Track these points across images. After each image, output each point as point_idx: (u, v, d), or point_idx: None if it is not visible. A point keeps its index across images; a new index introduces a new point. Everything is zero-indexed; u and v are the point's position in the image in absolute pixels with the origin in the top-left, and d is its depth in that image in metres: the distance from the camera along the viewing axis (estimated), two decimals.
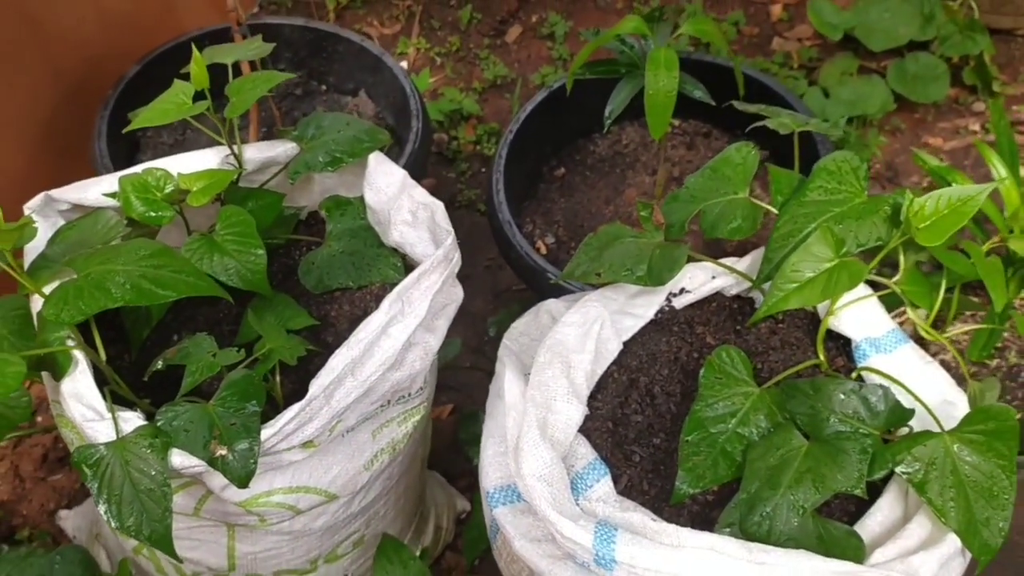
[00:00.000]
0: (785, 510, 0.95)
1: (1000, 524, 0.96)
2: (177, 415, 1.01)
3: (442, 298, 1.17)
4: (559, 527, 0.92)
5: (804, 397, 1.00)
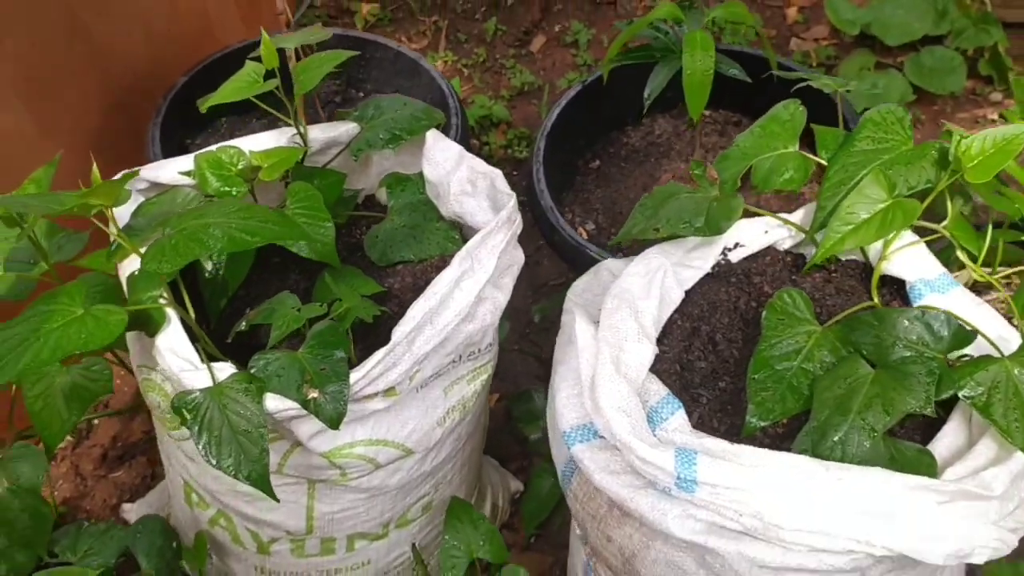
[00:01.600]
0: (856, 434, 0.99)
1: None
2: (269, 362, 1.05)
3: (507, 259, 1.22)
4: (641, 453, 0.96)
5: (868, 328, 1.04)
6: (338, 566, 1.39)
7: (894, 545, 0.92)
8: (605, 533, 1.08)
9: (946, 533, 0.94)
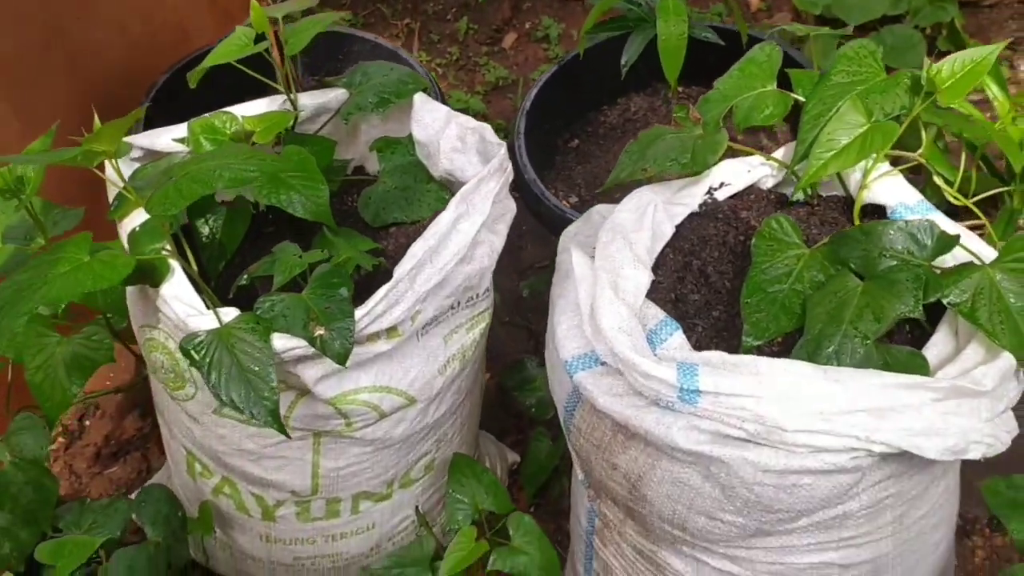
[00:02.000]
0: (850, 343, 1.02)
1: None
2: (274, 304, 1.07)
3: (500, 207, 1.25)
4: (643, 368, 0.99)
5: (855, 242, 1.08)
6: (343, 530, 1.40)
7: (892, 440, 0.95)
8: (610, 462, 1.10)
9: (941, 429, 0.97)
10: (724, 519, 1.05)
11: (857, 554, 1.10)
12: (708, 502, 1.04)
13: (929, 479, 1.11)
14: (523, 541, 1.29)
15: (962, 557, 1.64)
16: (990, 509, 1.18)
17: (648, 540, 1.19)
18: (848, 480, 0.99)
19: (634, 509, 1.13)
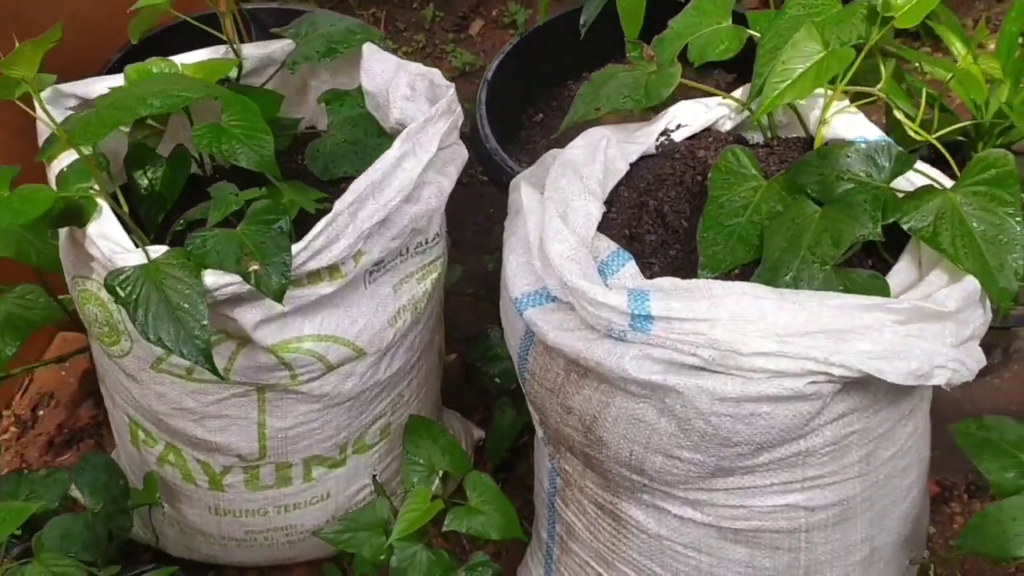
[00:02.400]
0: (808, 269, 0.98)
1: (1014, 268, 1.00)
2: (206, 239, 1.02)
3: (449, 152, 1.21)
4: (592, 295, 0.94)
5: (812, 168, 1.04)
6: (296, 500, 1.34)
7: (852, 363, 0.91)
8: (564, 405, 1.06)
9: (903, 352, 0.93)
10: (682, 456, 1.00)
11: (823, 496, 1.05)
12: (664, 439, 0.99)
13: (896, 417, 1.06)
14: (480, 500, 1.24)
15: (940, 524, 1.60)
16: (962, 451, 1.14)
17: (608, 492, 1.14)
18: (808, 409, 0.95)
19: (591, 456, 1.08)
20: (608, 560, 1.22)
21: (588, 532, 1.22)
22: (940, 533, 1.59)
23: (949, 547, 1.57)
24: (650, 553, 1.15)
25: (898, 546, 1.17)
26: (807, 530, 1.08)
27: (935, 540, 1.57)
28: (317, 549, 1.44)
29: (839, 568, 1.12)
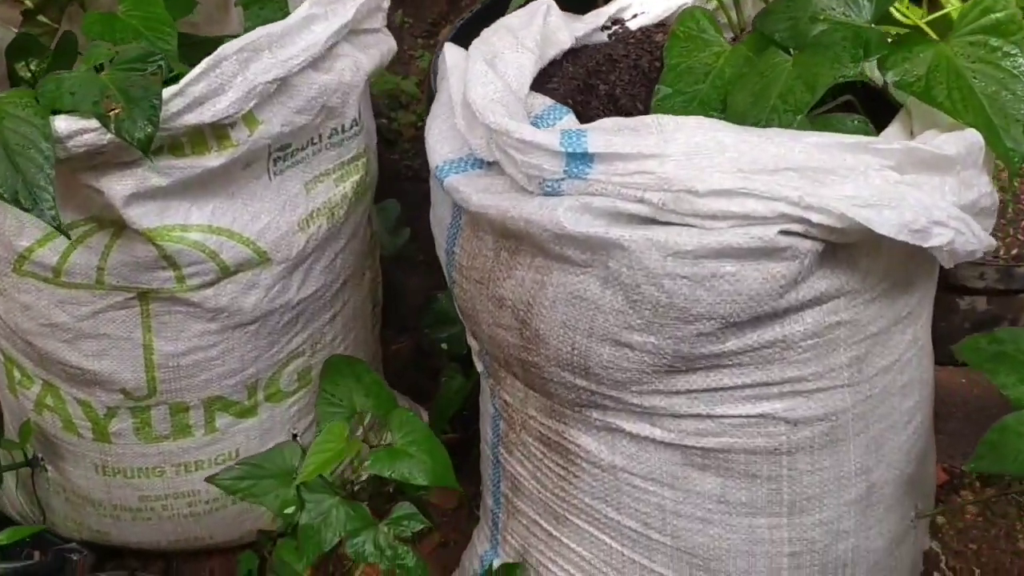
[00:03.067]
0: (779, 116, 0.82)
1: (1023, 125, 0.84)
2: (62, 82, 0.86)
3: (372, 37, 1.07)
4: (520, 134, 0.78)
5: (781, 12, 0.88)
6: (198, 457, 1.15)
7: (834, 207, 0.74)
8: (496, 296, 0.89)
9: (896, 200, 0.76)
10: (632, 342, 0.82)
11: (807, 406, 0.87)
12: (611, 319, 0.82)
13: (891, 318, 0.89)
14: (407, 441, 1.05)
15: (950, 513, 1.41)
16: (972, 367, 0.96)
17: (553, 418, 0.96)
18: (782, 271, 0.78)
19: (530, 365, 0.90)
20: (557, 513, 1.03)
21: (535, 481, 1.03)
22: (951, 523, 1.40)
23: (960, 538, 1.38)
24: (604, 493, 0.96)
25: (900, 488, 0.98)
26: (789, 452, 0.89)
27: (945, 531, 1.38)
28: (229, 527, 1.24)
29: (830, 507, 0.93)
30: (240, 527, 1.26)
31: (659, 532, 0.96)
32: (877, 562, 1.00)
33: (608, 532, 0.99)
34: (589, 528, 1.01)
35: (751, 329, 0.81)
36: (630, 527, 0.97)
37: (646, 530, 0.96)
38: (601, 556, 1.01)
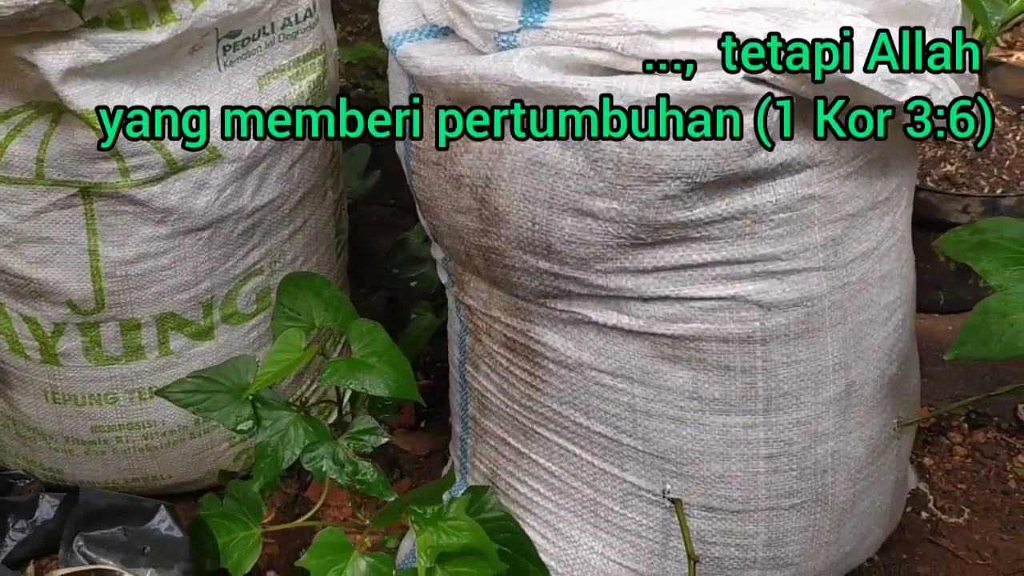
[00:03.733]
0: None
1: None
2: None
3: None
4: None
5: None
6: (152, 382, 1.10)
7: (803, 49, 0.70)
8: (454, 176, 0.84)
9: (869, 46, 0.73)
10: (595, 210, 0.78)
11: (781, 289, 0.83)
12: (571, 185, 0.78)
13: (868, 199, 0.85)
14: (367, 352, 1.00)
15: (938, 455, 1.37)
16: (956, 259, 0.93)
17: (518, 317, 0.91)
18: (748, 124, 0.74)
19: (491, 253, 0.86)
20: (525, 427, 0.98)
21: (501, 395, 0.99)
22: (938, 465, 1.36)
23: (949, 478, 1.34)
24: (572, 397, 0.91)
25: (881, 391, 0.94)
26: (763, 341, 0.85)
27: (933, 472, 1.34)
28: (188, 466, 1.19)
29: (808, 405, 0.89)
30: (200, 466, 1.20)
31: (630, 436, 0.91)
32: (858, 470, 0.96)
33: (577, 441, 0.95)
34: (557, 440, 0.96)
35: (719, 195, 0.77)
36: (600, 432, 0.92)
37: (616, 434, 0.92)
38: (570, 469, 0.97)
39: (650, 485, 0.93)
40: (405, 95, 0.88)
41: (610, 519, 0.97)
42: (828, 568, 1.00)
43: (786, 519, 0.94)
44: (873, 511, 1.00)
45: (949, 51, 0.77)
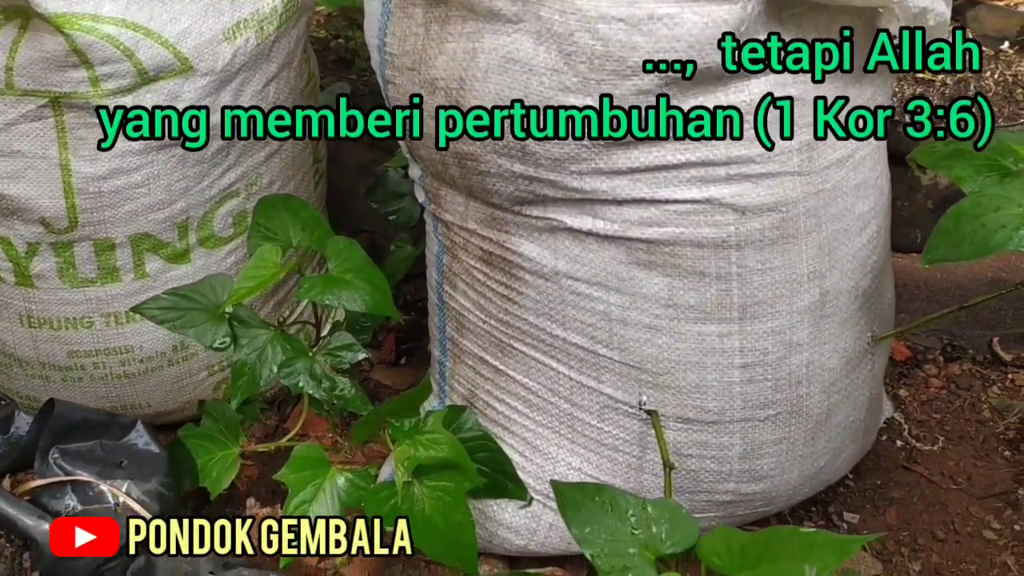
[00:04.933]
0: None
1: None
2: None
3: None
4: None
5: None
6: (128, 306, 1.09)
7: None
8: (429, 81, 0.84)
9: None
10: (568, 105, 0.78)
11: (755, 193, 0.83)
12: (546, 81, 0.77)
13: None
14: (343, 269, 1.00)
15: (914, 387, 1.38)
16: (930, 168, 0.93)
17: (494, 228, 0.91)
18: (723, 16, 0.73)
19: (467, 159, 0.86)
20: (502, 343, 0.98)
21: (479, 312, 0.99)
22: (914, 396, 1.37)
23: (924, 408, 1.35)
24: (548, 308, 0.92)
25: (855, 302, 0.94)
26: (738, 246, 0.85)
27: (908, 403, 1.35)
28: (167, 394, 1.18)
29: (783, 314, 0.89)
30: (179, 395, 1.20)
31: (606, 346, 0.91)
32: (833, 383, 0.96)
33: (554, 355, 0.95)
34: (534, 354, 0.96)
35: (693, 92, 0.77)
36: (576, 344, 0.93)
37: (593, 345, 0.92)
38: (548, 384, 0.97)
39: (626, 397, 0.93)
40: (378, 8, 0.87)
41: (587, 434, 0.97)
42: (802, 482, 1.01)
43: (761, 431, 0.95)
44: (847, 426, 1.01)
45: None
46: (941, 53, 0.83)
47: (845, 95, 0.84)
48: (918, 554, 1.14)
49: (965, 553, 1.14)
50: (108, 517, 0.91)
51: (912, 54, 0.83)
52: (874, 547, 1.15)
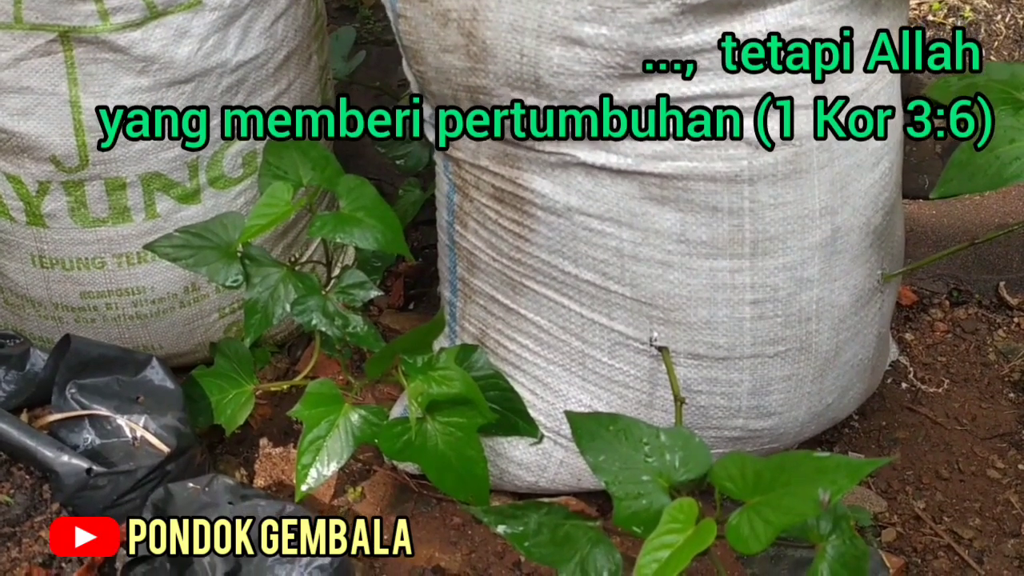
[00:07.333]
0: None
1: None
2: None
3: None
4: None
5: None
6: (140, 246, 1.09)
7: None
8: (440, 12, 0.83)
9: None
10: (584, 36, 0.77)
11: (769, 126, 0.83)
12: (560, 10, 0.77)
13: (860, 37, 0.85)
14: (355, 207, 1.00)
15: (919, 331, 1.39)
16: (944, 103, 0.92)
17: (506, 165, 0.91)
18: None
19: (479, 93, 0.86)
20: (514, 282, 0.99)
21: (490, 251, 0.99)
22: (920, 340, 1.38)
23: (930, 352, 1.36)
24: (560, 244, 0.92)
25: (866, 239, 0.94)
26: (751, 180, 0.85)
27: (914, 347, 1.36)
28: (179, 336, 1.19)
29: (794, 250, 0.90)
30: (191, 337, 1.20)
31: (618, 282, 0.92)
32: (842, 320, 0.97)
33: (566, 292, 0.95)
34: (546, 292, 0.97)
35: (709, 21, 0.77)
36: (588, 280, 0.93)
37: (604, 281, 0.92)
38: (559, 322, 0.98)
39: (637, 333, 0.94)
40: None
41: (598, 371, 0.98)
42: (810, 419, 1.02)
43: (770, 367, 0.96)
44: (855, 363, 1.02)
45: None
46: (941, 53, 0.83)
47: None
48: (922, 492, 1.16)
49: (969, 492, 1.15)
50: (109, 518, 0.89)
51: (912, 54, 0.84)
52: (879, 485, 1.17)
